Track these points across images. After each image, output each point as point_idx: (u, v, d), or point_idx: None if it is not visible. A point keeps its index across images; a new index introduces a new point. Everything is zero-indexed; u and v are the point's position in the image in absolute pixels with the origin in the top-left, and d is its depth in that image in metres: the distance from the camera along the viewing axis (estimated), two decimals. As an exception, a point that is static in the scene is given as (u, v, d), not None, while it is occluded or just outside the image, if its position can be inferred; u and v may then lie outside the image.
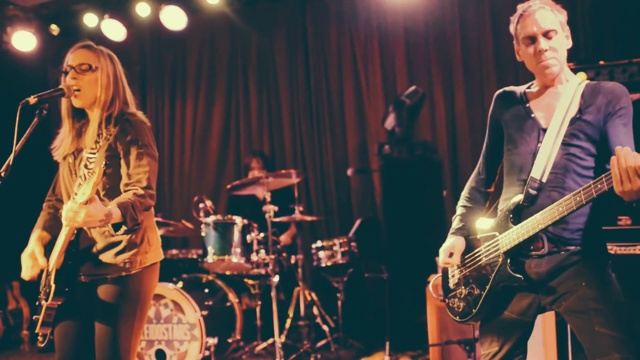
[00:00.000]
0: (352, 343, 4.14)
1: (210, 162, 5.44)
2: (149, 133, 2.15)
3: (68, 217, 1.73)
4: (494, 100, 2.04)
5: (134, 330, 2.07)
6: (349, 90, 5.11)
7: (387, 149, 4.23)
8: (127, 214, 1.86)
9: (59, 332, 2.12)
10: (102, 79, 2.10)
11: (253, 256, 3.82)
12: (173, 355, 3.59)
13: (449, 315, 2.05)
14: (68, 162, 2.15)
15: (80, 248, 2.05)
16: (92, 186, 1.69)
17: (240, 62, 5.41)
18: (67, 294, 2.02)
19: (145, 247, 2.11)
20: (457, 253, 1.99)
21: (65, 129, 2.19)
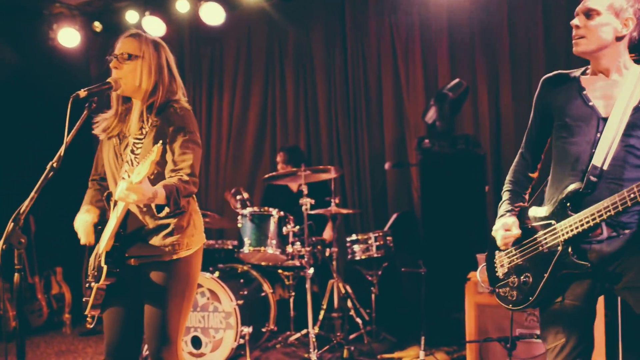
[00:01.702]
0: (385, 336, 4.14)
1: (246, 155, 5.51)
2: (194, 121, 2.19)
3: (122, 194, 1.78)
4: (542, 84, 2.00)
5: (182, 312, 2.12)
6: (387, 83, 5.08)
7: (427, 143, 4.18)
8: (171, 197, 1.90)
9: (107, 315, 2.18)
10: (144, 67, 2.13)
11: (288, 248, 3.86)
12: (208, 343, 3.66)
13: (501, 304, 2.03)
14: (113, 145, 2.19)
15: (129, 231, 2.10)
16: (149, 165, 1.73)
17: (277, 56, 5.45)
18: (118, 275, 2.07)
19: (191, 230, 2.15)
20: (515, 226, 1.96)
21: (112, 110, 2.24)
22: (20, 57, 5.39)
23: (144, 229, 2.10)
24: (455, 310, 3.72)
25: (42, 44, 5.46)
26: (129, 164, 2.14)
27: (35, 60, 5.48)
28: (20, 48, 5.38)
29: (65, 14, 5.44)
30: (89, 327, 2.25)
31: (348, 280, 4.23)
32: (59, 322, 5.03)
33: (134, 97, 2.20)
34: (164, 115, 2.13)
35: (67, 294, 5.13)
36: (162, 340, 2.08)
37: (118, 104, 2.22)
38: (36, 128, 5.52)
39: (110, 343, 2.17)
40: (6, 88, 5.25)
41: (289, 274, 4.25)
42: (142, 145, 2.13)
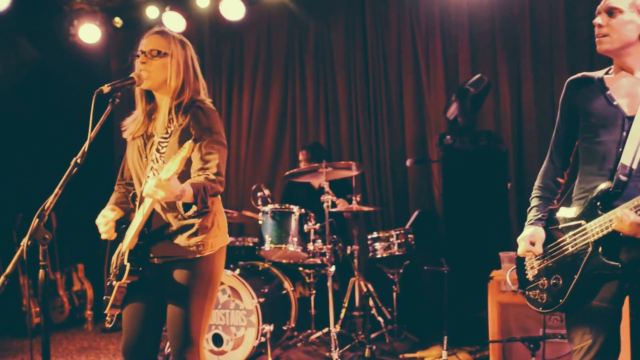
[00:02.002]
0: (406, 335, 4.10)
1: (266, 152, 5.49)
2: (220, 121, 2.17)
3: (151, 191, 1.76)
4: (567, 86, 1.99)
5: (204, 311, 2.10)
6: (408, 79, 5.03)
7: (448, 139, 4.12)
8: (199, 195, 1.88)
9: (127, 313, 2.16)
10: (172, 65, 2.11)
11: (309, 245, 3.82)
12: (230, 340, 3.65)
13: (531, 307, 2.01)
14: (137, 145, 2.18)
15: (153, 230, 2.08)
16: (179, 162, 1.70)
17: (297, 52, 5.42)
18: (141, 274, 2.05)
19: (215, 231, 2.13)
20: (539, 241, 1.95)
21: (138, 110, 2.22)
22: (42, 53, 5.43)
23: (168, 228, 2.09)
24: (477, 309, 3.66)
25: (63, 40, 5.50)
26: (154, 163, 2.13)
27: (57, 57, 5.53)
28: (42, 44, 5.42)
29: (86, 10, 5.47)
30: (107, 326, 2.24)
31: (369, 278, 4.19)
32: (81, 318, 5.06)
33: (159, 95, 2.17)
34: (190, 115, 2.11)
35: (89, 290, 5.16)
36: (184, 340, 2.06)
37: (143, 103, 2.20)
38: (58, 124, 5.58)
39: (128, 341, 2.15)
40: (28, 84, 5.30)
41: (309, 271, 4.22)
42: (167, 144, 2.11)
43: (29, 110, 5.32)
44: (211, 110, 2.15)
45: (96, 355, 4.13)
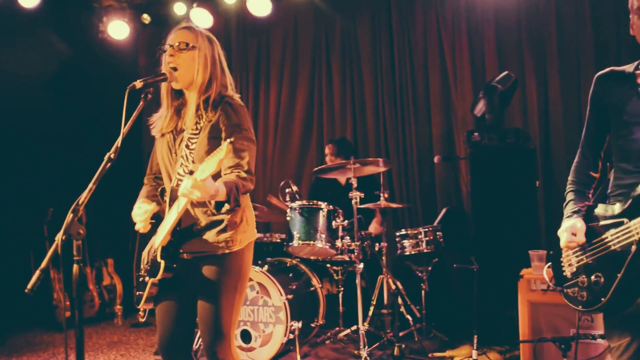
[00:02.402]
0: (435, 334, 4.05)
1: (293, 148, 5.47)
2: (249, 117, 2.17)
3: (186, 191, 1.76)
4: (597, 81, 1.96)
5: (234, 305, 2.11)
6: (434, 76, 4.97)
7: (476, 136, 4.07)
8: (231, 194, 1.89)
9: (160, 309, 2.18)
10: (200, 58, 2.12)
11: (338, 242, 3.80)
12: (258, 337, 3.65)
13: (569, 306, 1.98)
14: (167, 140, 2.18)
15: (183, 226, 2.09)
16: (216, 163, 1.69)
17: (324, 48, 5.39)
18: (174, 270, 2.07)
19: (244, 227, 2.14)
20: (580, 232, 1.92)
21: (163, 108, 2.22)
22: (72, 49, 5.51)
23: (198, 224, 2.10)
24: (507, 308, 3.62)
25: (93, 37, 5.57)
26: (183, 159, 2.13)
27: (86, 53, 5.60)
28: (72, 41, 5.50)
29: (114, 6, 5.52)
30: (141, 320, 2.25)
31: (397, 275, 4.15)
32: (111, 313, 5.12)
33: (188, 91, 2.17)
34: (220, 111, 2.11)
35: (119, 285, 5.22)
36: (215, 334, 2.07)
37: (169, 100, 2.20)
38: (87, 119, 5.65)
39: (163, 336, 2.17)
40: (59, 80, 5.38)
41: (337, 268, 4.20)
42: (197, 140, 2.11)
43: (59, 106, 5.40)
44: (240, 106, 2.14)
45: (126, 350, 4.18)
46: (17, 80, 5.03)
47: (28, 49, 5.17)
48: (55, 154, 5.30)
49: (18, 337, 4.65)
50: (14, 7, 4.85)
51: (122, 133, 1.95)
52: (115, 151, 1.92)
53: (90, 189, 1.85)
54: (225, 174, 2.02)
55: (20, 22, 5.06)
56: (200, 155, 2.07)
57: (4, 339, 4.60)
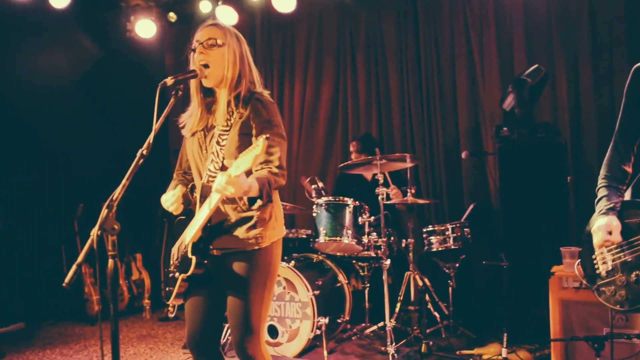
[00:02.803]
0: (463, 331, 4.01)
1: (318, 144, 5.47)
2: (279, 113, 2.17)
3: (220, 187, 1.76)
4: (635, 73, 1.92)
5: (264, 301, 2.12)
6: (461, 70, 4.91)
7: (505, 131, 4.00)
8: (264, 190, 1.89)
9: (189, 304, 2.20)
10: (229, 55, 2.12)
11: (364, 238, 3.79)
12: (285, 332, 3.67)
13: (605, 305, 1.94)
14: (197, 138, 2.19)
15: (213, 223, 2.10)
16: (251, 159, 1.69)
17: (349, 43, 5.37)
18: (205, 266, 2.08)
19: (273, 223, 2.15)
20: (616, 230, 1.88)
21: (193, 106, 2.23)
22: (101, 48, 5.60)
23: (228, 221, 2.10)
24: (537, 306, 3.56)
25: (121, 36, 5.64)
26: (214, 155, 2.14)
27: (114, 52, 5.68)
28: (101, 40, 5.59)
29: (141, 6, 5.58)
30: (170, 316, 2.28)
31: (424, 272, 4.12)
32: (139, 307, 5.20)
33: (217, 88, 2.18)
34: (250, 107, 2.11)
35: (147, 279, 5.29)
36: (245, 330, 2.08)
37: (199, 98, 2.21)
38: (115, 117, 5.74)
39: (192, 332, 2.19)
40: (88, 78, 5.47)
41: (363, 264, 4.19)
42: (227, 137, 2.12)
43: (89, 104, 5.50)
44: (270, 103, 2.15)
45: (155, 343, 4.24)
46: (49, 79, 5.14)
47: (59, 49, 5.27)
48: (85, 151, 5.40)
49: (50, 329, 4.76)
50: (45, 7, 4.94)
51: (153, 129, 1.96)
52: (148, 147, 1.93)
53: (123, 185, 1.87)
54: (257, 169, 2.02)
55: (51, 23, 5.16)
56: (230, 152, 2.07)
57: (37, 330, 4.72)
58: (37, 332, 4.69)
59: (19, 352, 4.09)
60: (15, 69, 4.84)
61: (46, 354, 4.05)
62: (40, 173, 4.99)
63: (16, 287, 4.70)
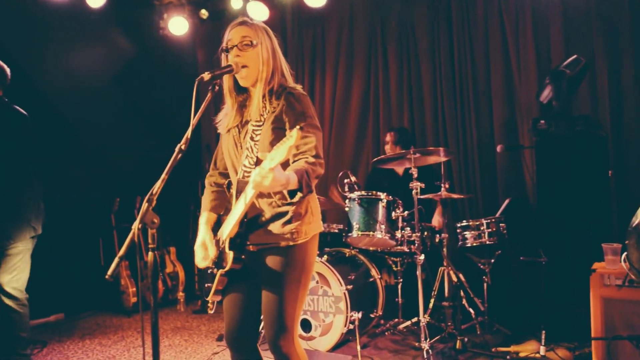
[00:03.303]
0: (498, 328, 3.95)
1: (349, 139, 5.45)
2: (312, 105, 2.16)
3: (256, 182, 1.74)
4: None
5: (298, 298, 2.09)
6: (496, 62, 4.82)
7: (543, 124, 3.91)
8: (303, 181, 1.86)
9: (228, 300, 2.19)
10: (263, 53, 2.12)
11: (397, 233, 3.76)
12: (318, 326, 3.67)
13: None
14: (232, 135, 2.20)
15: (249, 218, 2.10)
16: (286, 150, 1.65)
17: (380, 36, 5.32)
18: (243, 262, 2.07)
19: (309, 218, 2.13)
20: None
21: (228, 104, 2.23)
22: (135, 46, 5.69)
23: (263, 216, 2.10)
24: (576, 303, 3.47)
25: (154, 33, 5.72)
26: (248, 150, 2.14)
27: (148, 49, 5.77)
28: (135, 38, 5.68)
29: (174, 3, 5.65)
30: (210, 312, 2.28)
31: (457, 267, 4.07)
32: (174, 299, 5.29)
33: (252, 86, 2.17)
34: (282, 100, 2.10)
35: (181, 273, 5.37)
36: (279, 327, 2.06)
37: (233, 96, 2.21)
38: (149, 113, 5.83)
39: (230, 327, 2.19)
40: (123, 75, 5.57)
41: (396, 259, 4.16)
42: (261, 131, 2.11)
43: (123, 100, 5.59)
44: (303, 95, 2.13)
45: (189, 335, 4.30)
46: (85, 76, 5.24)
47: (95, 47, 5.37)
48: (120, 147, 5.50)
49: (89, 320, 4.88)
50: (82, 7, 5.04)
51: (191, 124, 1.97)
52: (186, 142, 1.94)
53: (162, 179, 1.88)
54: (293, 161, 2.00)
55: (87, 22, 5.27)
56: (264, 146, 2.07)
57: (76, 321, 4.84)
58: (76, 322, 4.81)
59: (60, 341, 4.20)
60: (53, 68, 4.95)
61: (85, 344, 4.15)
62: (78, 168, 5.10)
63: (56, 278, 4.83)
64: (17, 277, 3.18)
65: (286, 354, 2.07)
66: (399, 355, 3.62)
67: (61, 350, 3.97)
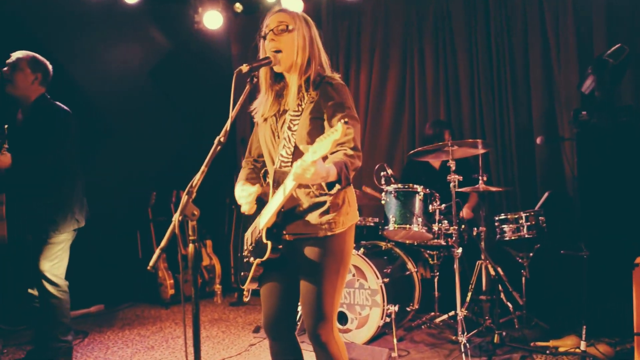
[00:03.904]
0: (537, 323, 3.88)
1: (384, 132, 5.40)
2: (350, 96, 2.15)
3: (297, 174, 1.75)
4: None
5: (337, 288, 2.10)
6: (535, 52, 4.70)
7: (584, 115, 3.80)
8: (342, 173, 1.86)
9: (265, 289, 2.21)
10: (299, 40, 2.12)
11: (434, 226, 3.72)
12: (354, 319, 3.67)
13: None
14: (270, 124, 2.20)
15: (286, 208, 2.10)
16: (330, 144, 1.66)
17: (416, 27, 5.25)
18: (280, 251, 2.08)
19: (346, 208, 2.12)
20: None
21: (263, 92, 2.24)
22: (170, 41, 5.76)
23: (300, 206, 2.10)
24: (618, 298, 3.38)
25: (189, 28, 5.78)
26: (286, 140, 2.14)
27: (183, 44, 5.84)
28: (170, 33, 5.75)
29: (209, -3, 5.68)
30: (245, 300, 2.31)
31: (496, 261, 4.00)
32: (210, 292, 5.36)
33: (288, 73, 2.17)
34: (321, 90, 2.09)
35: (217, 265, 5.44)
36: (318, 316, 2.07)
37: (269, 84, 2.21)
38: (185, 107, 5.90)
39: (268, 316, 2.20)
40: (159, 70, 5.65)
41: (432, 253, 4.12)
42: (298, 121, 2.11)
43: (159, 95, 5.68)
44: (341, 85, 2.12)
45: (226, 327, 4.36)
46: (122, 71, 5.34)
47: (131, 42, 5.46)
48: (157, 141, 5.58)
49: (128, 311, 4.99)
50: (118, 3, 5.13)
51: (230, 117, 1.98)
52: (225, 134, 1.94)
53: (202, 172, 1.90)
54: (332, 153, 1.99)
55: (123, 18, 5.36)
56: (302, 136, 2.06)
57: (116, 312, 4.96)
58: (116, 313, 4.93)
59: (100, 332, 4.32)
60: (91, 63, 5.05)
61: (125, 334, 4.25)
62: (116, 163, 5.21)
63: (96, 271, 4.95)
64: (57, 265, 3.30)
65: (325, 343, 2.08)
66: (435, 348, 3.59)
67: (102, 340, 4.07)
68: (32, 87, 3.24)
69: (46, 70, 3.30)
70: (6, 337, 4.00)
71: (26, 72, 3.21)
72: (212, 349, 3.75)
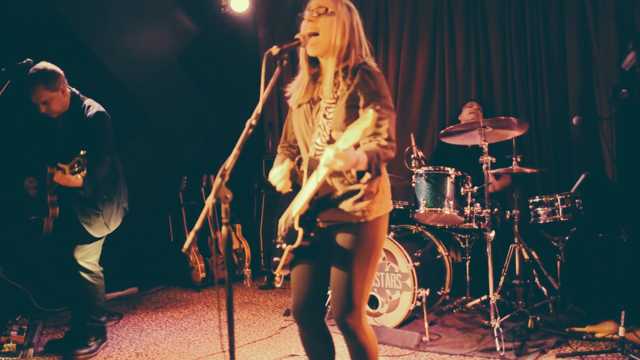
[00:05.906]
0: (572, 308, 3.79)
1: (414, 112, 5.31)
2: (386, 85, 2.10)
3: (328, 161, 1.74)
4: None
5: (367, 276, 2.08)
6: (571, 28, 4.53)
7: (624, 93, 3.64)
8: (372, 163, 1.85)
9: (296, 274, 2.21)
10: (338, 24, 2.08)
11: (466, 209, 3.65)
12: (385, 303, 3.65)
13: None
14: (304, 111, 2.17)
15: (320, 195, 2.09)
16: (360, 132, 1.65)
17: (446, 6, 5.12)
18: (312, 239, 2.07)
19: (380, 197, 2.10)
20: None
21: (301, 76, 2.21)
22: (198, 25, 5.76)
23: (334, 194, 2.08)
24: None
25: (216, 12, 5.77)
26: (321, 128, 2.11)
27: (211, 27, 5.83)
28: (198, 17, 5.75)
29: (236, -19, 5.64)
30: (277, 286, 2.30)
31: (530, 245, 3.92)
32: (240, 275, 5.41)
33: (324, 58, 2.14)
34: (357, 78, 2.06)
35: (247, 249, 5.48)
36: (347, 304, 2.05)
37: (307, 67, 2.18)
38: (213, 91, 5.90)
39: (297, 301, 2.20)
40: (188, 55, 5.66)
41: (464, 236, 4.06)
42: (334, 109, 2.08)
43: (187, 80, 5.69)
44: (377, 74, 2.08)
45: (257, 310, 4.39)
46: (151, 56, 5.36)
47: (160, 27, 5.47)
48: (186, 125, 5.62)
49: (161, 294, 5.07)
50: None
51: (261, 99, 1.96)
52: (256, 117, 1.92)
53: (235, 155, 1.88)
54: (365, 142, 1.97)
55: (152, 2, 5.37)
56: (337, 124, 2.04)
57: (149, 295, 5.04)
58: (148, 296, 5.01)
59: (134, 314, 4.40)
60: (120, 48, 5.08)
61: (158, 316, 4.32)
62: (147, 148, 5.26)
63: (130, 254, 5.04)
64: (90, 253, 3.38)
65: (353, 331, 2.07)
66: (467, 333, 3.55)
67: (136, 322, 4.15)
68: (65, 98, 3.31)
69: (62, 77, 3.30)
70: (45, 318, 4.11)
71: (54, 94, 3.24)
72: (242, 332, 3.79)
